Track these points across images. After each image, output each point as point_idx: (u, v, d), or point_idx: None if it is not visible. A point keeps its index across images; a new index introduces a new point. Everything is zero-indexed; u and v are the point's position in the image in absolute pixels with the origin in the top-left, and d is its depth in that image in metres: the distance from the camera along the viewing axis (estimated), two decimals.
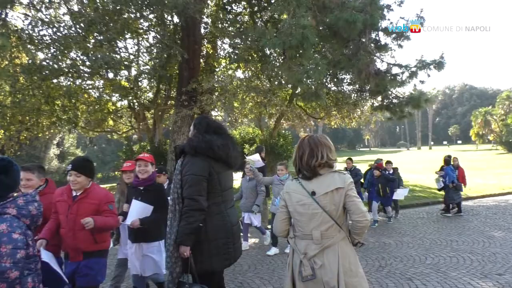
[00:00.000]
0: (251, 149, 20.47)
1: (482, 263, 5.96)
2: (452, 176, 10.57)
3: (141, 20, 12.50)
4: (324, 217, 2.50)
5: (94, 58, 10.50)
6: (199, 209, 3.01)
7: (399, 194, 10.29)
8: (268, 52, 12.65)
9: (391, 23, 10.36)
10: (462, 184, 11.29)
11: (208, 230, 3.06)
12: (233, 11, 14.69)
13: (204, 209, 3.04)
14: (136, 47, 14.76)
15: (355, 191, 2.55)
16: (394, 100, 12.18)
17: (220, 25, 13.60)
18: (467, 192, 14.39)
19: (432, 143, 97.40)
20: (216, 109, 15.99)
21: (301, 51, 9.19)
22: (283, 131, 23.84)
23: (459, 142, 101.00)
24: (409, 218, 10.34)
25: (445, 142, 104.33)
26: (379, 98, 13.20)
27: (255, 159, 7.20)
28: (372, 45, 10.54)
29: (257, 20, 13.98)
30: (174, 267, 3.01)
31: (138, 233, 4.12)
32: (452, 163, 11.37)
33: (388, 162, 10.62)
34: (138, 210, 4.05)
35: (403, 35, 10.24)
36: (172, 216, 3.10)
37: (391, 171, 10.35)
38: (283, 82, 13.40)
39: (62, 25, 11.68)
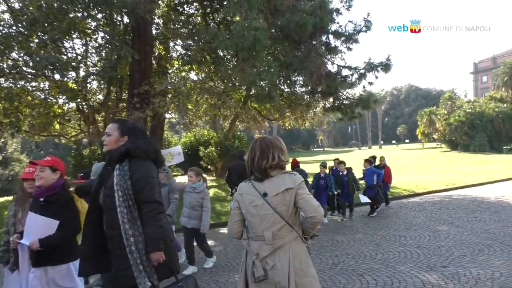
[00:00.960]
0: (206, 151, 20.41)
1: (428, 257, 6.25)
2: (371, 179, 10.37)
3: (89, 20, 12.08)
4: (276, 218, 2.51)
5: (38, 58, 9.99)
6: (163, 211, 3.01)
7: (363, 198, 10.30)
8: (221, 54, 12.64)
9: (340, 26, 10.68)
10: (388, 183, 11.57)
11: (164, 234, 3.04)
12: (185, 12, 14.54)
13: (165, 211, 3.08)
14: (84, 48, 14.23)
15: (305, 189, 2.57)
16: (345, 101, 12.58)
17: (172, 26, 13.40)
18: (414, 189, 15.07)
19: (382, 142, 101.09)
20: (169, 111, 15.74)
21: (253, 53, 9.27)
22: (238, 133, 23.95)
23: (407, 141, 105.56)
24: (361, 215, 10.66)
25: (394, 141, 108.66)
26: (331, 99, 13.55)
27: (175, 151, 5.87)
28: (323, 47, 10.83)
29: (209, 21, 13.92)
30: (153, 279, 2.86)
31: (40, 255, 3.30)
32: (379, 162, 11.47)
33: (341, 163, 10.62)
34: (37, 226, 3.29)
35: (352, 38, 10.60)
36: (131, 226, 2.85)
37: (344, 172, 10.27)
38: (236, 84, 13.44)
39: (1, 23, 11.07)
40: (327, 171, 10.23)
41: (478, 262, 5.77)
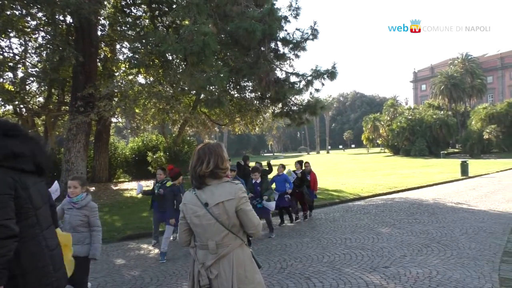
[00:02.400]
0: (154, 156, 19.96)
1: (371, 258, 6.48)
2: (282, 186, 9.44)
3: (28, 18, 11.47)
4: (218, 227, 2.50)
5: None
6: (11, 236, 2.31)
7: (269, 205, 8.62)
8: (170, 57, 12.45)
9: (288, 33, 10.91)
10: (314, 190, 10.94)
11: (22, 260, 2.42)
12: (133, 14, 14.22)
13: (17, 235, 2.34)
14: (23, 47, 13.48)
15: (247, 203, 2.55)
16: (293, 107, 12.83)
17: (118, 28, 13.05)
18: (360, 192, 15.60)
19: (329, 147, 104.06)
20: (116, 116, 15.26)
21: (203, 58, 9.22)
22: (188, 138, 23.67)
23: (353, 146, 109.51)
24: (310, 219, 10.86)
25: (340, 146, 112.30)
26: (280, 105, 13.77)
27: (53, 189, 4.91)
28: (272, 54, 10.99)
29: (158, 24, 13.69)
30: None
31: None
32: (303, 168, 10.60)
33: (255, 170, 8.94)
34: None
35: (300, 46, 10.85)
36: None
37: (258, 180, 8.67)
38: (186, 88, 13.29)
39: None
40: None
41: (417, 262, 6.06)
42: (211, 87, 10.76)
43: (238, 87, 14.84)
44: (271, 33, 9.59)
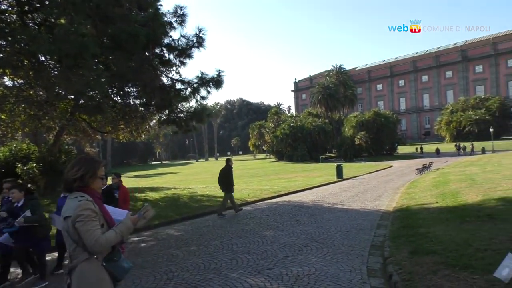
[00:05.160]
0: (25, 167, 17.93)
1: (256, 261, 6.69)
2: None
3: None
4: (68, 239, 2.59)
5: None
6: None
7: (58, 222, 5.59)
8: (42, 58, 11.35)
9: (173, 40, 10.75)
10: (125, 207, 7.56)
11: None
12: None
13: None
14: None
15: (83, 223, 2.48)
16: (180, 115, 12.68)
17: None
18: (246, 198, 16.02)
19: (218, 154, 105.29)
20: None
21: (81, 61, 8.60)
22: (66, 147, 21.77)
23: (240, 152, 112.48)
24: (197, 227, 10.80)
25: (229, 153, 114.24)
26: (166, 112, 13.49)
27: None
28: (157, 60, 10.73)
29: (28, 21, 12.37)
30: None
31: None
32: (111, 181, 8.18)
33: (13, 187, 6.42)
34: None
35: (185, 53, 10.78)
36: None
37: (20, 203, 6.15)
38: (62, 93, 12.23)
39: None
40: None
41: (297, 261, 6.43)
42: (91, 92, 10.07)
43: (121, 92, 14.13)
44: (156, 38, 9.36)
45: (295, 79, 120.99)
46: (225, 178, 12.16)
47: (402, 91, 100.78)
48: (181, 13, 10.92)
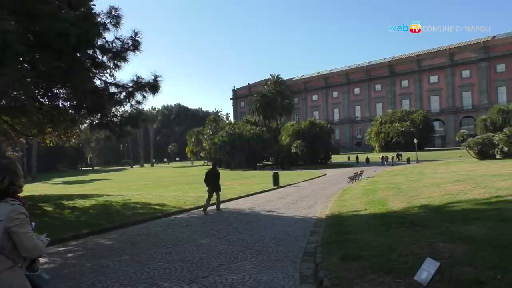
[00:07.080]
0: None
1: (191, 270, 6.56)
2: None
3: None
4: None
5: None
6: None
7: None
8: None
9: (106, 42, 10.32)
10: None
11: None
12: None
13: None
14: None
15: (21, 226, 2.45)
16: (114, 119, 12.17)
17: None
18: (183, 205, 15.72)
19: (154, 160, 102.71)
20: None
21: (3, 59, 7.97)
22: None
23: (178, 159, 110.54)
24: (130, 236, 10.37)
25: (165, 159, 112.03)
26: (99, 116, 12.88)
27: None
28: (89, 61, 10.24)
29: None
30: None
31: None
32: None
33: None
34: None
35: (120, 56, 10.40)
36: None
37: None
38: None
39: None
40: None
41: (233, 269, 6.40)
42: (14, 93, 9.38)
43: (49, 94, 13.29)
44: (88, 39, 8.90)
45: (234, 86, 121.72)
46: (214, 180, 13.81)
47: (336, 102, 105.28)
48: (116, 14, 10.50)
